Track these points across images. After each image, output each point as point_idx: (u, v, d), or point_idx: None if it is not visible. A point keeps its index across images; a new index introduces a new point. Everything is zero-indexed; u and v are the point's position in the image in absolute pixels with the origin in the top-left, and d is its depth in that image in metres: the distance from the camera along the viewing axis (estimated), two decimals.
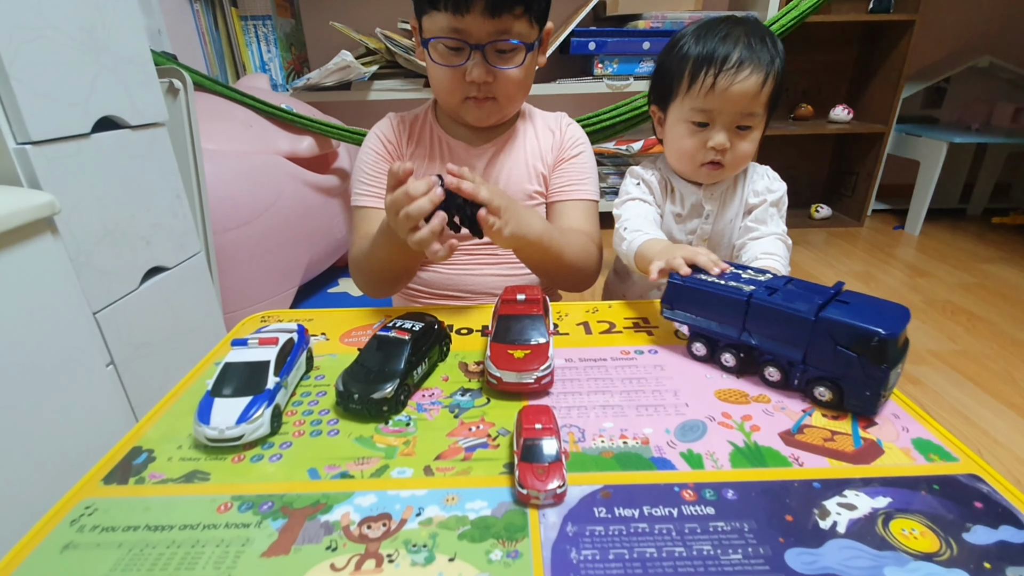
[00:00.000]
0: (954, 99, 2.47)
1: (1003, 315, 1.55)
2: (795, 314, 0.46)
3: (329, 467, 0.41)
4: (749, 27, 0.70)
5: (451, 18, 0.63)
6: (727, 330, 0.51)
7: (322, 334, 0.63)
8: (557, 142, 0.81)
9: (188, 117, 1.06)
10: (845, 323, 0.44)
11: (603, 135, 1.52)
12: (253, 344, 0.48)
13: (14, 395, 0.63)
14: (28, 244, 0.65)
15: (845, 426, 0.45)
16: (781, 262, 0.70)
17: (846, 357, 0.44)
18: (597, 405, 0.48)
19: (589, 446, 0.43)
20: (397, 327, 0.52)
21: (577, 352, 0.57)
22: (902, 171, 2.35)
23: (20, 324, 0.64)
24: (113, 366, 0.79)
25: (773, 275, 0.54)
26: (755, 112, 0.70)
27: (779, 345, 0.48)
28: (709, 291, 0.51)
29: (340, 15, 1.94)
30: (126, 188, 0.84)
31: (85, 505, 0.38)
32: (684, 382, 0.51)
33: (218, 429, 0.42)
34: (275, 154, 1.39)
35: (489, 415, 0.47)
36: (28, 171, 0.68)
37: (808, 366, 0.47)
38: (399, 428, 0.45)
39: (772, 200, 0.76)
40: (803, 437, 0.44)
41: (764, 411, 0.47)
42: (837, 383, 0.46)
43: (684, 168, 0.77)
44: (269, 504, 0.37)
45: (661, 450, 0.42)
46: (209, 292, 1.05)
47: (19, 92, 0.66)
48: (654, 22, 1.89)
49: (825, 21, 2.04)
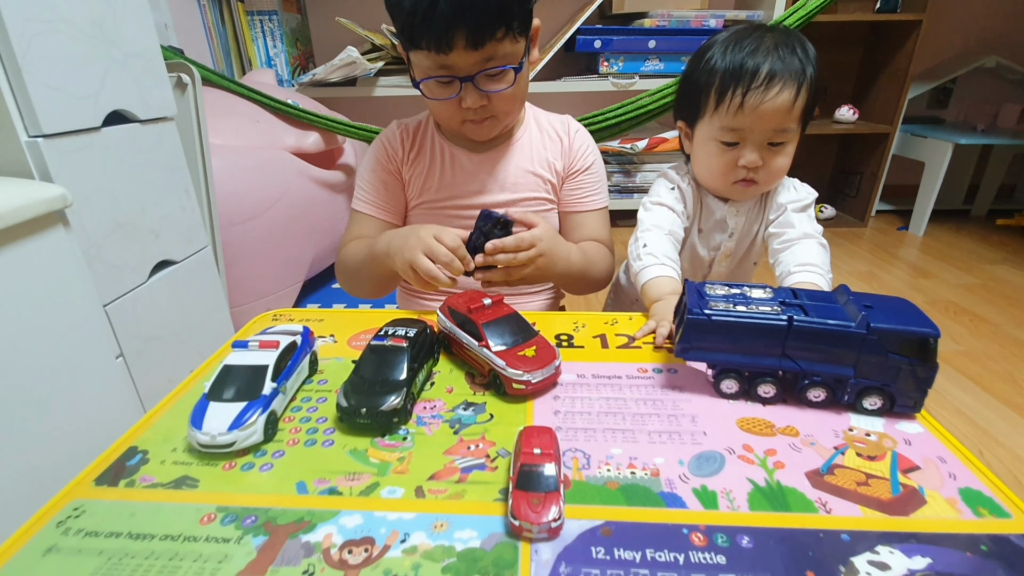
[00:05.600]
0: (960, 99, 2.47)
1: (1006, 316, 1.55)
2: (845, 330, 0.44)
3: (319, 481, 0.39)
4: (779, 36, 0.67)
5: (435, 57, 0.63)
6: (763, 360, 0.47)
7: (331, 336, 0.61)
8: (566, 150, 0.80)
9: (196, 112, 1.07)
10: (897, 330, 0.43)
11: (608, 133, 1.52)
12: (253, 347, 0.47)
13: (25, 386, 0.63)
14: (40, 236, 0.66)
15: (883, 468, 0.40)
16: (820, 273, 0.66)
17: (897, 363, 0.43)
18: (606, 428, 0.45)
19: (593, 474, 0.40)
20: (392, 335, 0.51)
21: (590, 367, 0.54)
22: (907, 172, 2.35)
23: (32, 316, 0.65)
24: (123, 358, 0.80)
25: (771, 288, 0.51)
26: (788, 127, 0.67)
27: (827, 364, 0.45)
28: (740, 321, 0.46)
29: (346, 11, 1.94)
30: (135, 182, 0.85)
31: (74, 506, 0.38)
32: (703, 406, 0.47)
33: (210, 435, 0.41)
34: (281, 149, 1.40)
35: (491, 433, 0.45)
36: (40, 164, 0.69)
37: (859, 379, 0.45)
38: (396, 442, 0.44)
39: (795, 208, 0.73)
40: (833, 479, 0.39)
41: (791, 445, 0.42)
42: (887, 390, 0.45)
43: (715, 186, 0.74)
44: (253, 518, 0.36)
45: (672, 484, 0.39)
46: (216, 286, 1.06)
47: (31, 85, 0.67)
48: (660, 20, 1.89)
49: (832, 21, 2.03)
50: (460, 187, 0.77)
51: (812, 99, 0.67)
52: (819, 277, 0.66)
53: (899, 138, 2.25)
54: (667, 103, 1.44)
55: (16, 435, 0.62)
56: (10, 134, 0.67)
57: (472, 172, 0.77)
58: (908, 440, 0.43)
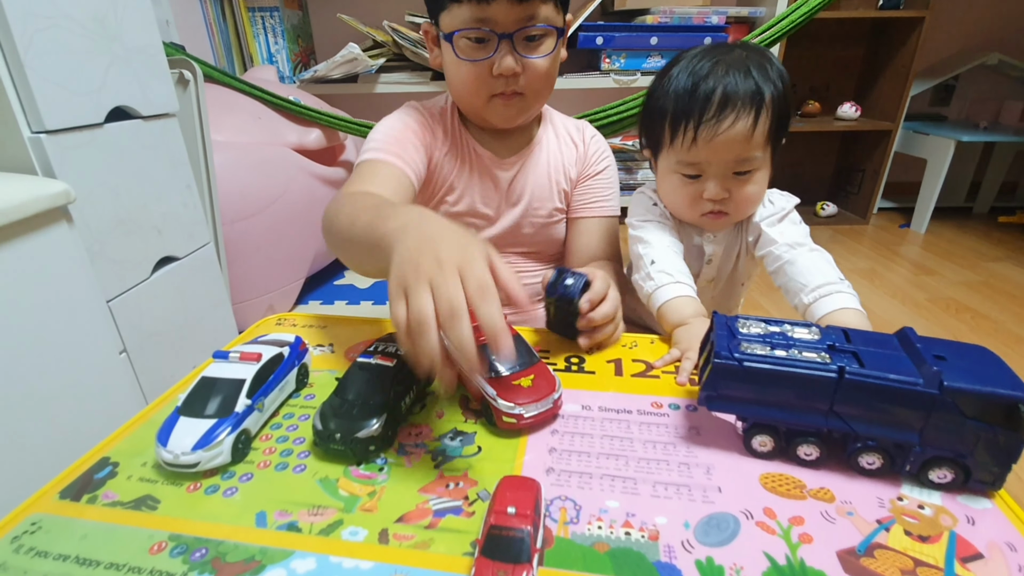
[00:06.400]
0: (963, 96, 2.46)
1: (1007, 313, 1.55)
2: (912, 388, 0.36)
3: (280, 513, 0.37)
4: (734, 57, 0.61)
5: (475, 8, 0.59)
6: (806, 417, 0.39)
7: (329, 345, 0.58)
8: (581, 156, 0.77)
9: (198, 108, 1.07)
10: (978, 392, 0.35)
11: (609, 131, 1.52)
12: (234, 359, 0.45)
13: (29, 380, 0.64)
14: (44, 232, 0.66)
15: (936, 553, 0.32)
16: (846, 291, 0.58)
17: (976, 430, 0.36)
18: (605, 474, 0.39)
19: (581, 531, 0.34)
20: (380, 352, 0.46)
21: (599, 398, 0.48)
22: (909, 169, 2.34)
23: (36, 311, 0.65)
24: (126, 353, 0.80)
25: (818, 328, 0.43)
26: (751, 156, 0.61)
27: (886, 428, 0.38)
28: (779, 370, 0.38)
29: (347, 7, 1.94)
30: (138, 178, 0.85)
31: (32, 521, 0.37)
32: (722, 456, 0.41)
33: (173, 454, 0.39)
34: (283, 146, 1.40)
35: (475, 469, 0.40)
36: (43, 160, 0.69)
37: (925, 447, 0.37)
38: (371, 472, 0.40)
39: (770, 223, 0.67)
40: (872, 562, 0.31)
41: (823, 513, 0.35)
42: (962, 462, 0.37)
43: (684, 218, 0.70)
44: (203, 551, 0.34)
45: (672, 552, 0.33)
46: (218, 282, 1.07)
47: (34, 81, 0.67)
48: (662, 17, 1.89)
49: (834, 17, 2.02)
50: (487, 196, 0.74)
51: (777, 121, 0.61)
52: (848, 297, 0.58)
53: (901, 135, 2.25)
54: None
55: (20, 429, 0.62)
56: (13, 130, 0.67)
57: (495, 181, 0.73)
58: (971, 518, 0.36)
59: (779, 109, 0.60)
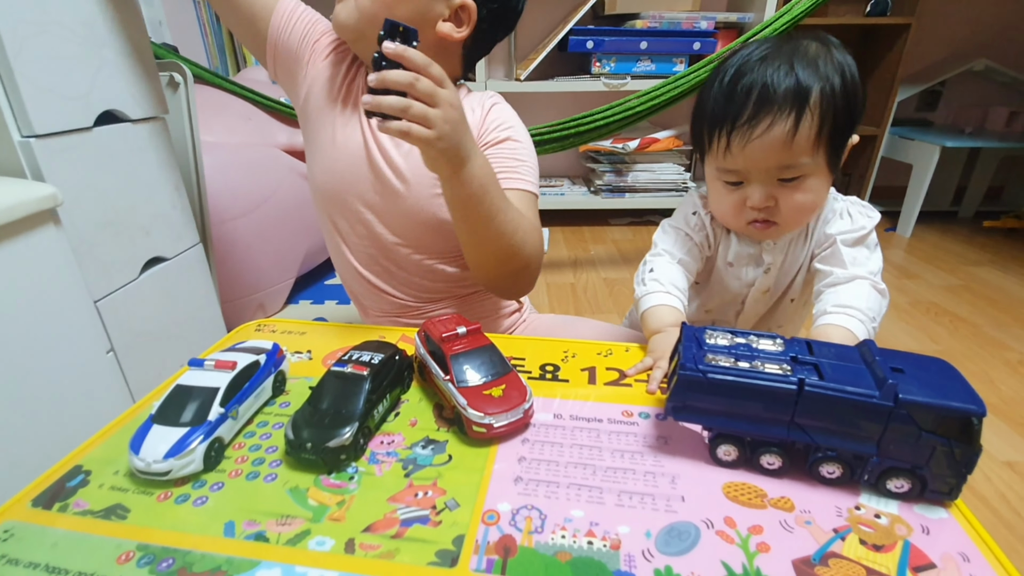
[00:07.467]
0: (949, 102, 2.49)
1: (986, 317, 1.58)
2: (866, 401, 0.37)
3: (248, 523, 0.37)
4: (785, 51, 0.55)
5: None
6: (769, 428, 0.40)
7: (307, 352, 0.58)
8: (477, 122, 0.68)
9: (188, 110, 1.08)
10: (932, 405, 0.36)
11: (598, 134, 1.55)
12: (209, 366, 0.45)
13: (17, 381, 0.65)
14: (31, 235, 0.68)
15: (889, 562, 0.33)
16: (860, 319, 0.55)
17: (931, 442, 0.36)
18: (572, 483, 0.40)
19: (545, 540, 0.35)
20: (354, 360, 0.47)
21: (571, 407, 0.49)
22: (895, 174, 2.37)
23: (23, 312, 0.66)
24: (113, 353, 0.81)
25: (782, 340, 0.43)
26: (795, 163, 0.56)
27: (844, 439, 0.38)
28: (740, 382, 0.39)
29: None
30: (127, 180, 0.86)
31: (4, 528, 0.37)
32: (688, 466, 0.42)
33: (145, 462, 0.39)
34: (273, 147, 1.41)
35: (444, 478, 0.41)
36: (32, 164, 0.70)
37: (883, 458, 0.38)
38: (341, 481, 0.41)
39: (847, 241, 0.61)
40: (826, 571, 0.32)
41: (782, 523, 0.36)
42: (919, 472, 0.38)
43: (731, 227, 0.66)
44: (170, 561, 0.34)
45: (632, 561, 0.33)
46: (207, 282, 1.08)
47: (23, 86, 0.68)
48: (652, 21, 1.91)
49: (821, 23, 2.05)
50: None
51: (833, 120, 0.55)
52: (857, 323, 0.55)
53: (888, 140, 2.28)
54: (655, 105, 1.46)
55: (6, 429, 0.64)
56: (3, 134, 0.68)
57: None
58: (926, 527, 0.36)
59: (834, 107, 0.54)
